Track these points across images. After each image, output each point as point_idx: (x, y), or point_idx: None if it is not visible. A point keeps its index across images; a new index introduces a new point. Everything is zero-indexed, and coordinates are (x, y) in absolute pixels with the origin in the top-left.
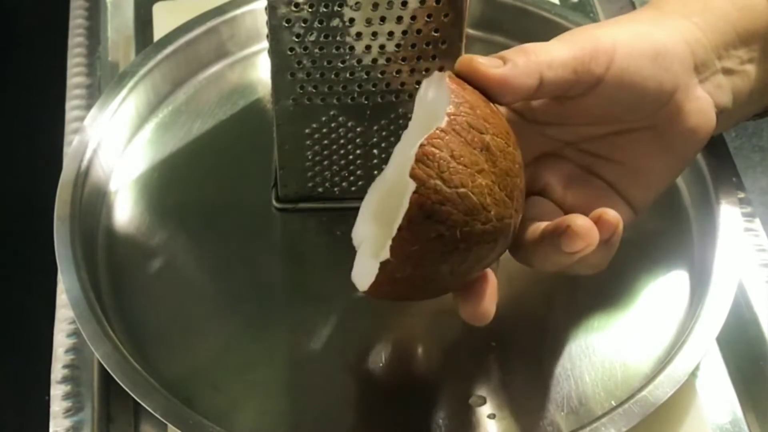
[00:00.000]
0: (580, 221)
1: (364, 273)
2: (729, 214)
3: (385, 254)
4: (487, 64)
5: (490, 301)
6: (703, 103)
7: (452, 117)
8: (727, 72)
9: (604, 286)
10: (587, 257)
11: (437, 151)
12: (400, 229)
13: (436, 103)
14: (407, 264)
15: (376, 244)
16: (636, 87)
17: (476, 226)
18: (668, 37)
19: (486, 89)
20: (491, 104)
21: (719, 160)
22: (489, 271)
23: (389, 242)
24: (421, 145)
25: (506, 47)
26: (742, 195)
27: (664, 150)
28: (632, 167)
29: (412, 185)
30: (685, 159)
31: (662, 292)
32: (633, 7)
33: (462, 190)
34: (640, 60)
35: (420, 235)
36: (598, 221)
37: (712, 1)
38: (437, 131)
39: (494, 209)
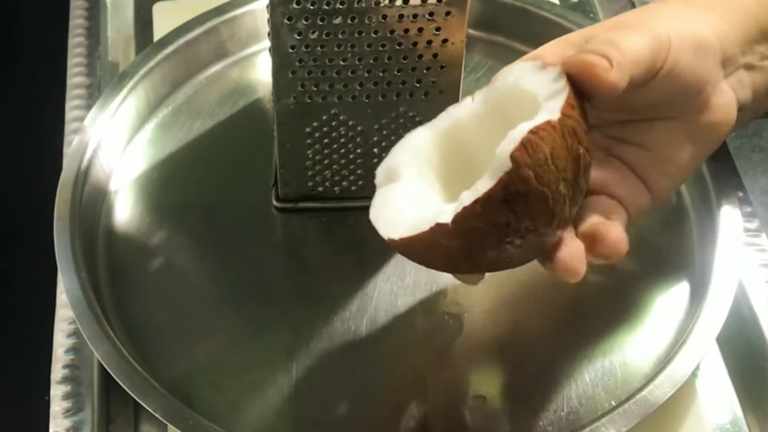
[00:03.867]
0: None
1: (395, 220)
2: (729, 214)
3: (437, 214)
4: (602, 67)
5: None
6: (727, 98)
7: (564, 117)
8: (749, 68)
9: (604, 286)
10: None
11: (542, 144)
12: (476, 200)
13: (540, 91)
14: (461, 236)
15: (422, 194)
16: (680, 80)
17: (540, 228)
18: (704, 28)
19: (592, 93)
20: (588, 119)
21: (719, 160)
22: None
23: (450, 206)
24: (531, 131)
25: (506, 47)
26: (742, 195)
27: (688, 140)
28: (656, 153)
29: (506, 164)
30: (705, 151)
31: (662, 292)
32: (633, 7)
33: (545, 190)
34: (687, 53)
35: (491, 215)
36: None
37: None
38: (548, 123)
39: (557, 221)
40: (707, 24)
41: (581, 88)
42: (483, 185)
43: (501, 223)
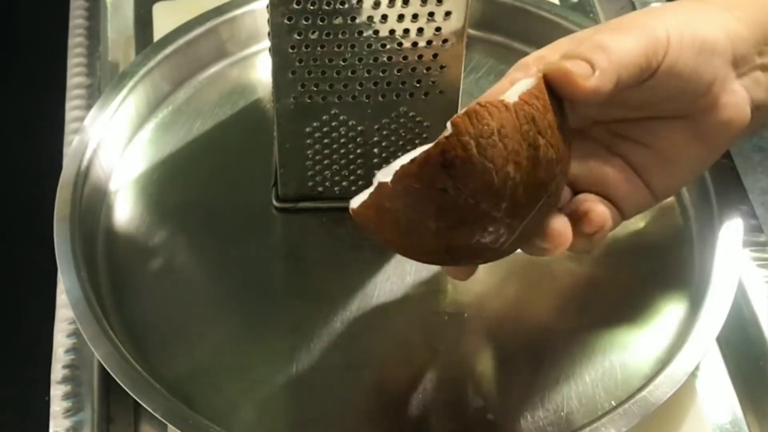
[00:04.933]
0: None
1: (362, 196)
2: (729, 213)
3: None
4: (580, 74)
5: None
6: (738, 98)
7: (522, 101)
8: (766, 68)
9: (603, 286)
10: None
11: (488, 117)
12: (413, 161)
13: (515, 87)
14: (401, 198)
15: None
16: (681, 79)
17: (481, 205)
18: (711, 28)
19: (570, 97)
20: (567, 122)
21: (719, 160)
22: None
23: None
24: (477, 103)
25: (506, 47)
26: (742, 195)
27: (695, 140)
28: (661, 153)
29: (447, 129)
30: (715, 151)
31: (662, 292)
32: (633, 7)
33: (489, 165)
34: (688, 53)
35: (427, 178)
36: (584, 217)
37: None
38: (500, 102)
39: (507, 205)
40: (719, 23)
41: (559, 91)
42: (423, 147)
43: (437, 189)
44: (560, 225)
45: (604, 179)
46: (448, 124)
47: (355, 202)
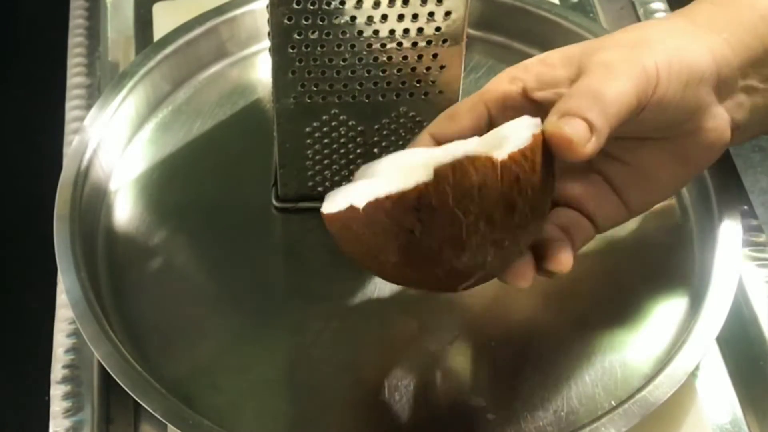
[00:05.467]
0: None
1: (338, 199)
2: (729, 213)
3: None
4: (578, 141)
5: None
6: (720, 121)
7: (510, 160)
8: (750, 90)
9: (603, 286)
10: None
11: (472, 173)
12: (388, 196)
13: (508, 136)
14: (368, 226)
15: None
16: (666, 110)
17: (443, 252)
18: (700, 55)
19: (568, 160)
20: (553, 177)
21: (719, 160)
22: None
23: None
24: (466, 155)
25: (506, 47)
26: (742, 195)
27: (675, 160)
28: (639, 171)
29: (429, 174)
30: (694, 171)
31: (662, 292)
32: (633, 7)
33: (460, 217)
34: (675, 85)
35: (397, 216)
36: (548, 258)
37: (743, 15)
38: (487, 158)
39: (470, 255)
40: (707, 48)
41: (555, 153)
42: (400, 184)
43: (405, 229)
44: (522, 269)
45: (580, 195)
46: (431, 170)
47: (327, 208)
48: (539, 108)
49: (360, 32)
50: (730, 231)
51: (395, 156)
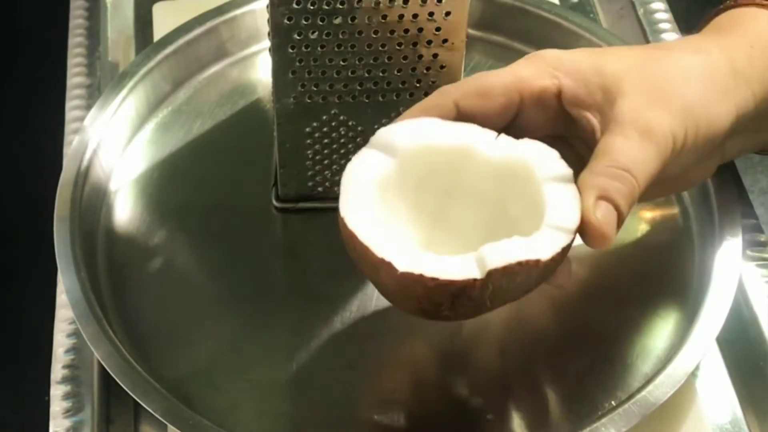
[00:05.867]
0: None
1: (357, 210)
2: (729, 213)
3: (395, 251)
4: (610, 236)
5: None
6: (713, 165)
7: (550, 261)
8: (755, 131)
9: (603, 286)
10: None
11: (518, 276)
12: (434, 278)
13: (555, 203)
14: (398, 284)
15: (396, 197)
16: (676, 167)
17: (456, 319)
18: (726, 118)
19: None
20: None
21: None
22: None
23: (409, 250)
24: (519, 263)
25: (506, 47)
26: (742, 195)
27: (657, 185)
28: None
29: (482, 272)
30: (669, 192)
31: (662, 293)
32: (633, 7)
33: (488, 306)
34: (696, 151)
35: (435, 296)
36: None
37: None
38: (536, 260)
39: (474, 318)
40: (734, 106)
41: (585, 239)
42: (449, 270)
43: (436, 304)
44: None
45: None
46: (484, 263)
47: (351, 218)
48: (564, 112)
49: (360, 32)
50: (730, 231)
51: (415, 127)
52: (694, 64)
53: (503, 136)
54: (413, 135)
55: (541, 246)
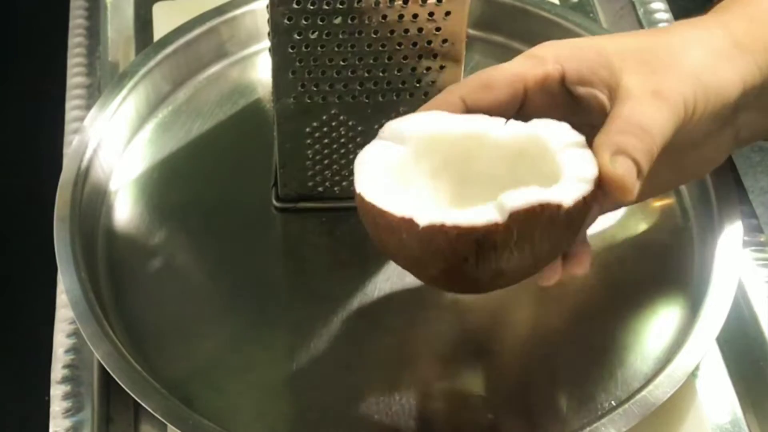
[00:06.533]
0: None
1: (374, 177)
2: (729, 213)
3: (414, 208)
4: (631, 188)
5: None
6: (726, 138)
7: (573, 208)
8: (762, 108)
9: (603, 286)
10: None
11: (541, 218)
12: (456, 226)
13: (567, 163)
14: (421, 242)
15: (410, 168)
16: (687, 137)
17: (484, 279)
18: (733, 86)
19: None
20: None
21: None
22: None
23: (428, 206)
24: (540, 202)
25: (506, 47)
26: (742, 195)
27: (670, 170)
28: None
29: (503, 215)
30: (686, 180)
31: (662, 292)
32: (633, 7)
33: (515, 255)
34: (707, 118)
35: (459, 245)
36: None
37: None
38: (559, 205)
39: (504, 282)
40: (740, 77)
41: (607, 193)
42: (470, 216)
43: (461, 258)
44: (549, 274)
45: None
46: (505, 207)
47: (367, 191)
48: (570, 95)
49: (360, 32)
50: (730, 231)
51: (425, 119)
52: (694, 36)
53: (512, 121)
54: (423, 125)
55: (562, 192)
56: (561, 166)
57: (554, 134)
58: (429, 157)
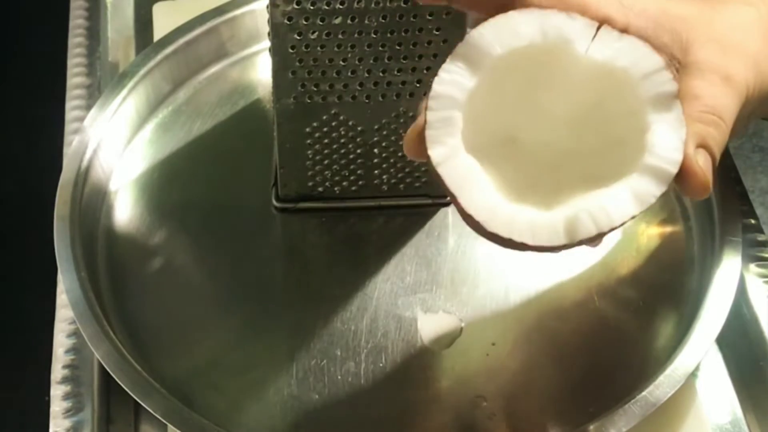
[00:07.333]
0: None
1: (489, 206)
2: (729, 213)
3: (527, 228)
4: (710, 184)
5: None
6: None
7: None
8: None
9: (603, 286)
10: None
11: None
12: (524, 244)
13: (652, 139)
14: (532, 250)
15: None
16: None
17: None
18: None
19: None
20: None
21: (720, 161)
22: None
23: (538, 218)
24: (605, 232)
25: None
26: (742, 195)
27: None
28: None
29: (567, 238)
30: None
31: (662, 292)
32: None
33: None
34: (752, 106)
35: (521, 248)
36: None
37: None
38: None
39: None
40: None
41: (682, 189)
42: (537, 233)
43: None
44: None
45: None
46: (576, 238)
47: (490, 222)
48: None
49: (360, 32)
50: (730, 231)
51: (507, 29)
52: (749, 17)
53: (604, 30)
54: (503, 39)
55: (633, 204)
56: (648, 135)
57: (647, 76)
58: (501, 87)
